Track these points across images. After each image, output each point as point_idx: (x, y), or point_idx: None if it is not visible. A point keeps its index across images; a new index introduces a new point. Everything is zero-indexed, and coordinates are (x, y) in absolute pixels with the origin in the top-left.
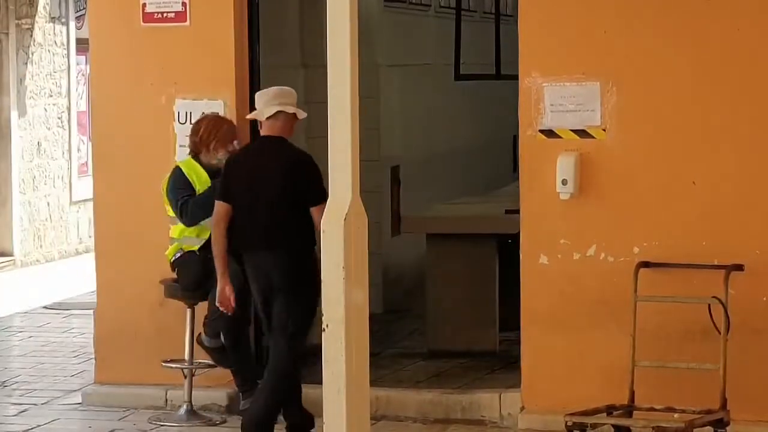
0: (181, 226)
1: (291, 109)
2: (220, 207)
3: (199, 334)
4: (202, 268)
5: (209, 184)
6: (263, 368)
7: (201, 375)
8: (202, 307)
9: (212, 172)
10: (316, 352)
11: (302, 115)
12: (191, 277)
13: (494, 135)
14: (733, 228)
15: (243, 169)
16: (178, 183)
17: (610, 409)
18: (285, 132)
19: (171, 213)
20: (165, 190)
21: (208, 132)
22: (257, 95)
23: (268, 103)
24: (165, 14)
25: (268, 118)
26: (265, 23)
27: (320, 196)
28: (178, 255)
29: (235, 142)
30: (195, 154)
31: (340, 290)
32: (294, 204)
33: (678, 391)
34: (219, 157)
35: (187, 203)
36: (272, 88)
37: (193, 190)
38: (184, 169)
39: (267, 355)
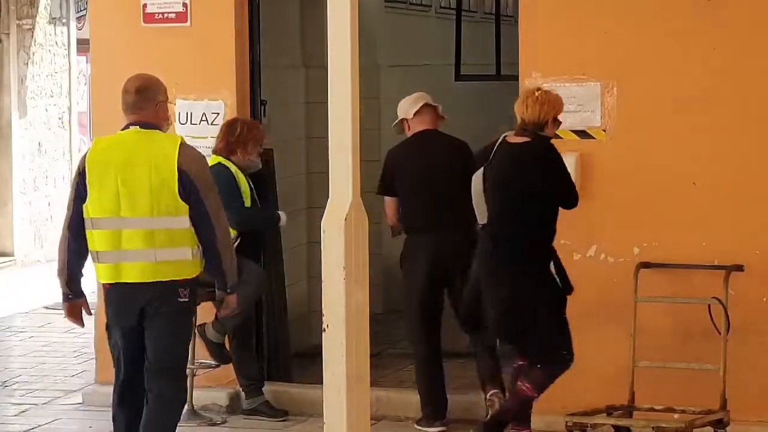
0: None
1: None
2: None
3: (203, 324)
4: None
5: (248, 194)
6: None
7: (202, 375)
8: (203, 306)
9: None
10: (315, 352)
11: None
12: None
13: (495, 135)
14: (733, 228)
15: (410, 160)
16: (233, 187)
17: (610, 410)
18: (434, 126)
19: None
20: None
21: (245, 132)
22: (401, 102)
23: (413, 104)
24: (166, 15)
25: (415, 116)
26: (266, 23)
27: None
28: None
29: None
30: (226, 154)
31: (341, 290)
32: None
33: (678, 391)
34: (252, 158)
35: (249, 213)
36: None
37: (241, 195)
38: (233, 171)
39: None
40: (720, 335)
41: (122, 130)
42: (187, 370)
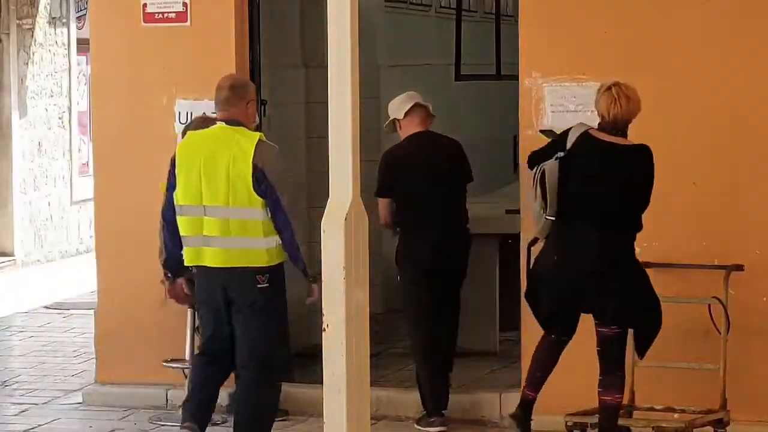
0: None
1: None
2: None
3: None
4: None
5: None
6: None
7: None
8: None
9: None
10: (315, 352)
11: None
12: None
13: (494, 135)
14: (733, 228)
15: (409, 161)
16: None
17: None
18: (425, 125)
19: None
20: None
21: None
22: (391, 102)
23: (403, 104)
24: (166, 14)
25: (406, 116)
26: (266, 23)
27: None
28: None
29: None
30: None
31: (341, 290)
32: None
33: (678, 391)
34: None
35: None
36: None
37: None
38: None
39: None
40: (720, 335)
41: (212, 125)
42: (187, 370)
